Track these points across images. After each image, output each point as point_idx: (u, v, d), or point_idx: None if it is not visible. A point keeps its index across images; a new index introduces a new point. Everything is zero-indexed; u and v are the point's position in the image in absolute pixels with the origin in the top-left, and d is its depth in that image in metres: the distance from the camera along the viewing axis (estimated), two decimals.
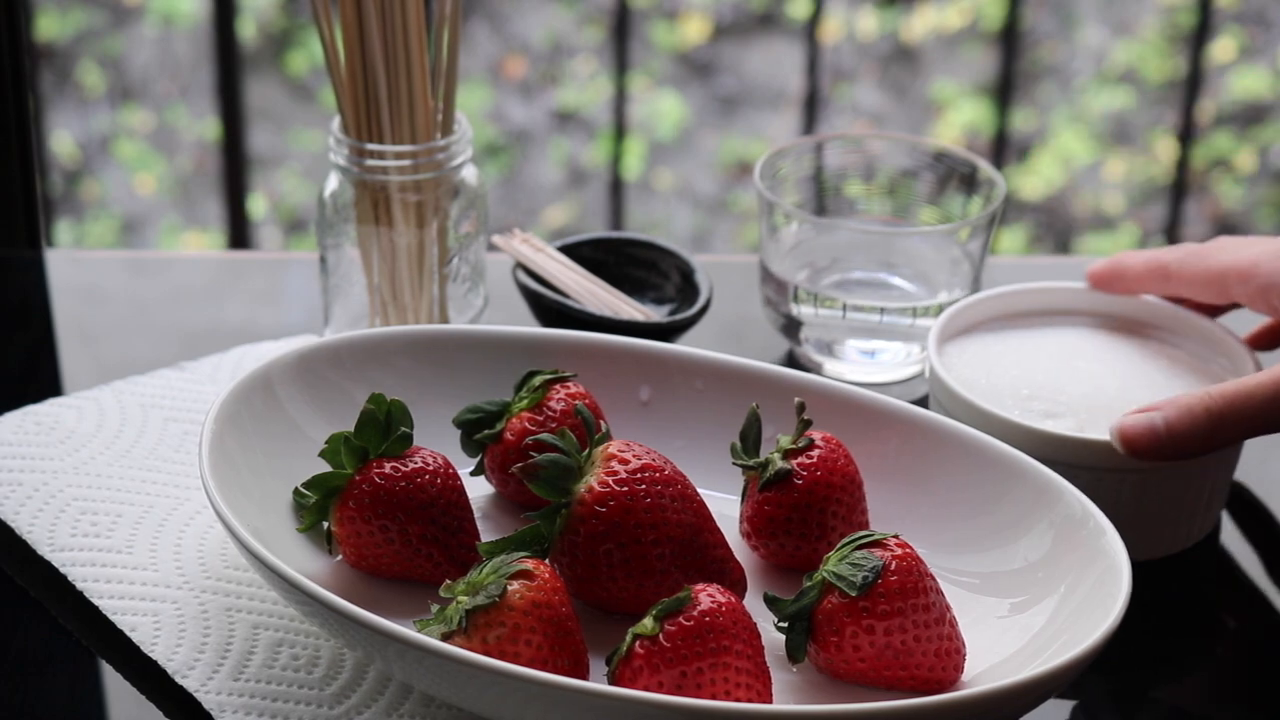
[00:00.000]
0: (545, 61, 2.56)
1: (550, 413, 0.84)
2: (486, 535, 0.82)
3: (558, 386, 0.85)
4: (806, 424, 0.82)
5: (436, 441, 0.83)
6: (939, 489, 0.84)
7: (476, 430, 0.85)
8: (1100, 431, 0.87)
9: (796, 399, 0.83)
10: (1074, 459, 0.85)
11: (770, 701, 0.73)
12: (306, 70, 2.54)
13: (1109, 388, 0.92)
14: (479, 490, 0.86)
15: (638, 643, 0.72)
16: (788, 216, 1.01)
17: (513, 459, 0.83)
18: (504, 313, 1.05)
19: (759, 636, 0.73)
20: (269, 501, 0.81)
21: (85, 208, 2.44)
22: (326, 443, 0.80)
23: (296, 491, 0.81)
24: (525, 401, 0.84)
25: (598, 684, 0.70)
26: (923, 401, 0.95)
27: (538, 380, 0.85)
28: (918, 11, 2.59)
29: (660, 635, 0.71)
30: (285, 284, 1.15)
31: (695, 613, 0.71)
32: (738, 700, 0.71)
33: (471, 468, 0.85)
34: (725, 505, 0.84)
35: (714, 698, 0.71)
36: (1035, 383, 0.92)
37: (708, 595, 0.72)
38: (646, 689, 0.71)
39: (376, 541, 0.79)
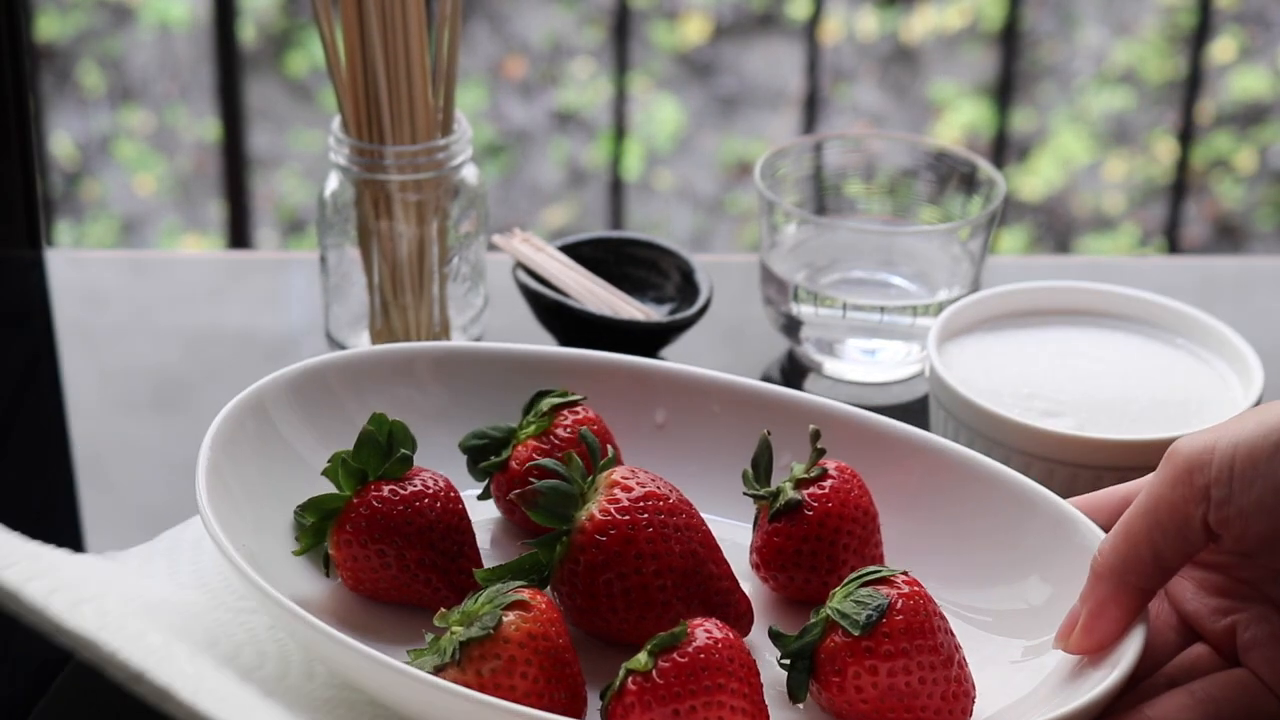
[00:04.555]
0: (545, 62, 2.56)
1: (557, 440, 0.80)
2: (492, 560, 0.79)
3: (565, 412, 0.81)
4: (820, 453, 0.78)
5: (443, 463, 0.80)
6: (958, 521, 0.80)
7: (482, 457, 0.81)
8: (1100, 431, 0.87)
9: (811, 426, 0.79)
10: (1074, 458, 0.85)
11: None
12: (306, 70, 2.54)
13: (1109, 387, 0.92)
14: (488, 514, 0.83)
15: (630, 678, 0.69)
16: (788, 216, 1.01)
17: (519, 488, 0.78)
18: (504, 313, 1.05)
19: (757, 674, 0.70)
20: (265, 524, 0.78)
21: (85, 208, 2.44)
22: (329, 461, 0.77)
23: (296, 513, 0.78)
24: (532, 428, 0.81)
25: None
26: (923, 401, 0.95)
27: (545, 405, 0.81)
28: (918, 12, 2.59)
29: (654, 671, 0.68)
30: (285, 284, 1.15)
31: (690, 649, 0.68)
32: None
33: (479, 490, 0.82)
34: (741, 534, 0.80)
35: None
36: (1035, 382, 0.92)
37: (704, 631, 0.69)
38: None
39: (374, 566, 0.76)
